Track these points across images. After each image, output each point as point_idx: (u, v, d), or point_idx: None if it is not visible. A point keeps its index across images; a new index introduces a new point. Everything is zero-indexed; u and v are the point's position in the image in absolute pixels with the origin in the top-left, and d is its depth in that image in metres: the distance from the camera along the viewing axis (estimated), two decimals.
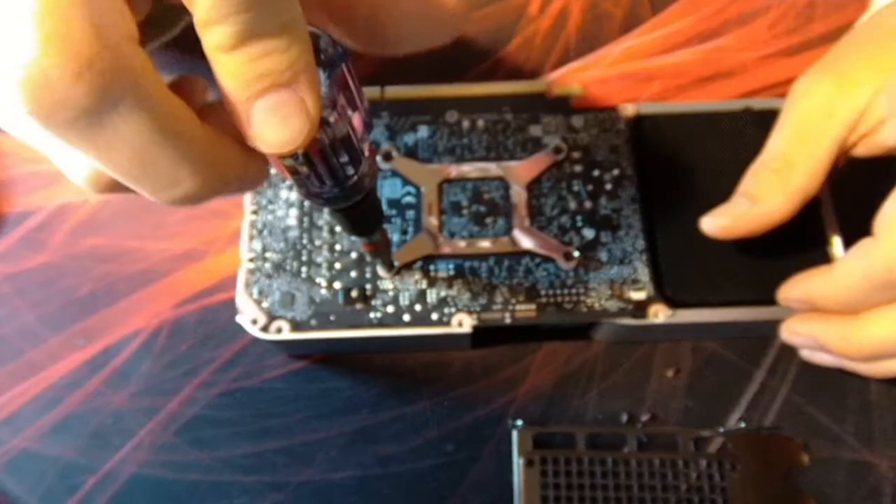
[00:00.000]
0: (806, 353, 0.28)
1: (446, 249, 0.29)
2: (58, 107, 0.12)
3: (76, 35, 0.11)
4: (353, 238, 0.28)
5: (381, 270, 0.28)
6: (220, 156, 0.15)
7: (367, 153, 0.18)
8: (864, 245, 0.23)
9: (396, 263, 0.28)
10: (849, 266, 0.24)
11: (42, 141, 0.15)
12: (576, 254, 0.28)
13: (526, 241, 0.29)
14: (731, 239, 0.27)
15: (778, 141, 0.26)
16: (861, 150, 0.25)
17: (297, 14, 0.14)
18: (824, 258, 0.28)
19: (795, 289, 0.26)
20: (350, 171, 0.17)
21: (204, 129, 0.15)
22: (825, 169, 0.25)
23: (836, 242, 0.28)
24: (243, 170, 0.16)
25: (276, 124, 0.14)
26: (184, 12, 0.14)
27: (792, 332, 0.27)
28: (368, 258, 0.28)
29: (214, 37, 0.13)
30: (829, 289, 0.24)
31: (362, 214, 0.21)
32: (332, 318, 0.28)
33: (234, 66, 0.14)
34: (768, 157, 0.26)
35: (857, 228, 0.30)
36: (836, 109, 0.24)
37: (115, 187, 0.16)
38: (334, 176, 0.17)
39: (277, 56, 0.14)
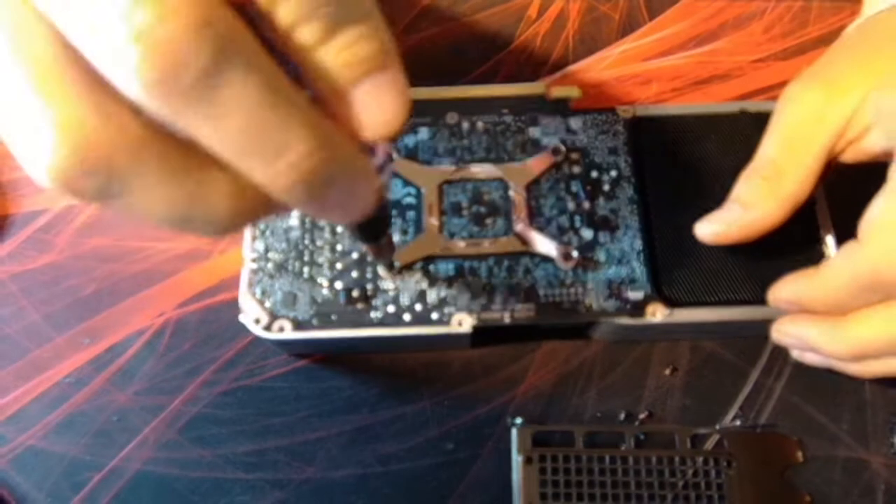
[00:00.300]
0: (796, 354, 0.28)
1: (446, 249, 0.29)
2: (181, 69, 0.11)
3: None
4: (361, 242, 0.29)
5: (381, 270, 0.29)
6: (327, 127, 0.14)
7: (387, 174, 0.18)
8: (849, 248, 0.24)
9: (397, 263, 0.28)
10: (835, 268, 0.24)
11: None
12: (574, 254, 0.29)
13: (525, 242, 0.29)
14: (724, 244, 0.27)
15: (768, 148, 0.26)
16: (848, 157, 0.26)
17: (374, 1, 0.14)
18: (818, 258, 0.28)
19: (784, 290, 0.26)
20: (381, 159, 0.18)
21: (307, 97, 0.14)
22: (815, 176, 0.25)
23: (830, 242, 0.29)
24: (350, 153, 0.15)
25: (378, 107, 0.14)
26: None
27: (781, 332, 0.27)
28: (369, 258, 0.29)
29: (304, 35, 0.13)
30: (817, 290, 0.25)
31: (373, 223, 0.22)
32: (333, 317, 0.28)
33: (329, 57, 0.14)
34: (759, 164, 0.26)
35: (851, 229, 0.30)
36: (825, 116, 0.25)
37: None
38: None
39: (368, 41, 0.14)
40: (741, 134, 0.30)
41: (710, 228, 0.27)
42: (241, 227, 0.15)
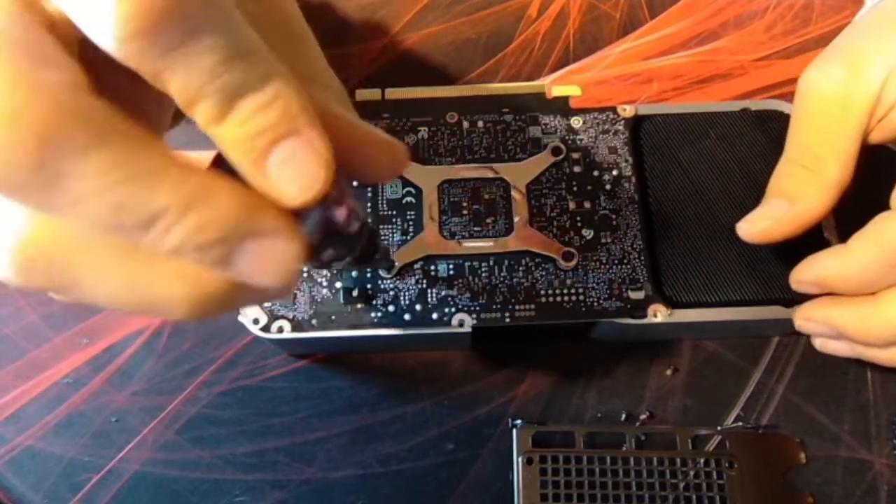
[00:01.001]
0: (819, 343, 0.27)
1: (446, 249, 0.29)
2: (9, 169, 0.11)
3: None
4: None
5: (381, 270, 0.28)
6: (205, 190, 0.13)
7: (358, 229, 0.17)
8: (879, 221, 0.23)
9: (397, 263, 0.28)
10: (864, 243, 0.23)
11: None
12: (575, 254, 0.28)
13: (525, 241, 0.29)
14: (771, 242, 0.26)
15: (801, 136, 0.25)
16: (876, 136, 0.25)
17: (274, 63, 0.14)
18: None
19: (808, 271, 0.25)
20: (347, 250, 0.17)
21: (184, 164, 0.13)
22: (854, 158, 0.24)
23: (834, 242, 0.29)
24: (242, 210, 0.13)
25: (291, 175, 0.14)
26: None
27: (806, 317, 0.26)
28: None
29: (202, 114, 0.13)
30: (844, 268, 0.23)
31: (365, 259, 0.21)
32: (332, 317, 0.28)
33: (230, 134, 0.13)
34: (795, 153, 0.25)
35: (854, 228, 0.30)
36: (852, 96, 0.24)
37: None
38: (343, 240, 0.17)
39: (267, 111, 0.13)
40: (744, 133, 0.30)
41: (758, 227, 0.25)
42: (209, 313, 0.14)
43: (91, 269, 0.13)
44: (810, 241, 0.28)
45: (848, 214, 0.30)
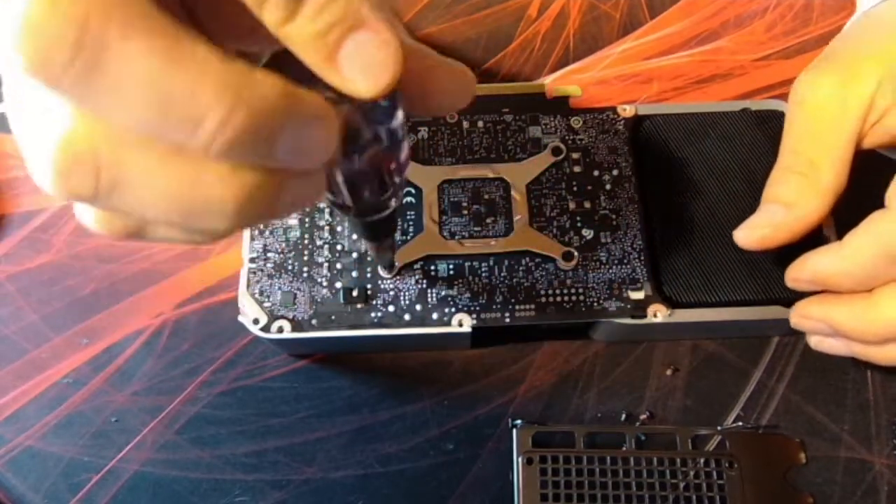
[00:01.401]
0: (815, 341, 0.27)
1: (446, 249, 0.29)
2: (50, 52, 0.11)
3: None
4: (362, 239, 0.29)
5: (381, 270, 0.28)
6: (247, 80, 0.12)
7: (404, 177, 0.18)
8: (874, 218, 0.22)
9: (397, 263, 0.28)
10: (860, 240, 0.22)
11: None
12: (575, 254, 0.28)
13: (525, 242, 0.29)
14: (768, 249, 0.26)
15: (796, 143, 0.25)
16: (868, 141, 0.25)
17: None
18: None
19: (804, 268, 0.24)
20: (394, 183, 0.17)
21: (224, 56, 0.12)
22: (848, 163, 0.24)
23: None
24: (281, 98, 0.13)
25: (361, 66, 0.14)
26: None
27: (802, 315, 0.25)
28: (369, 258, 0.29)
29: (272, 15, 0.13)
30: (841, 265, 0.23)
31: (382, 226, 0.21)
32: (332, 317, 0.28)
33: (302, 30, 0.13)
34: (790, 160, 0.25)
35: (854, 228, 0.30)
36: (846, 101, 0.24)
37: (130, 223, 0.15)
38: (377, 188, 0.17)
39: (334, 3, 0.13)
40: (744, 133, 0.30)
41: (755, 234, 0.25)
42: (252, 218, 0.14)
43: (137, 169, 0.13)
44: (810, 241, 0.28)
45: (847, 215, 0.30)
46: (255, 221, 0.15)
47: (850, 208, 0.29)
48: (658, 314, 0.28)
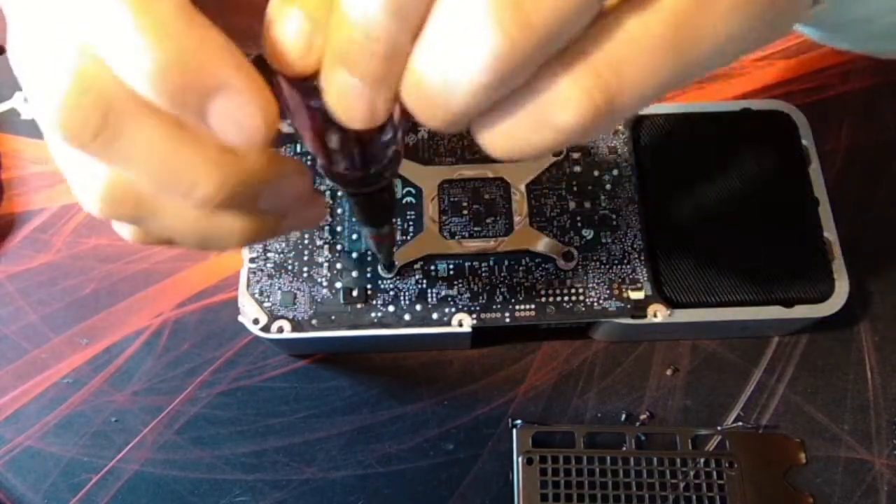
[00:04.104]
0: None
1: (446, 249, 0.29)
2: (81, 129, 0.14)
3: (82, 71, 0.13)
4: (363, 229, 0.28)
5: (381, 270, 0.28)
6: (231, 158, 0.14)
7: (400, 145, 0.18)
8: None
9: (397, 263, 0.28)
10: None
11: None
12: (575, 254, 0.28)
13: (525, 241, 0.29)
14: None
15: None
16: None
17: None
18: (821, 258, 0.28)
19: None
20: (388, 152, 0.17)
21: (215, 141, 0.14)
22: None
23: (834, 242, 0.28)
24: (259, 170, 0.15)
25: (230, 127, 0.14)
26: None
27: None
28: (370, 257, 0.29)
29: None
30: None
31: (379, 204, 0.21)
32: (332, 317, 0.28)
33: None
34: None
35: (854, 229, 0.30)
36: None
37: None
38: (369, 156, 0.17)
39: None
40: (743, 133, 0.30)
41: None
42: (258, 242, 0.16)
43: (161, 207, 0.15)
44: (810, 241, 0.28)
45: (847, 214, 0.30)
46: (263, 241, 0.16)
47: (854, 207, 0.29)
48: (658, 314, 0.28)
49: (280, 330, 0.28)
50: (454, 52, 0.12)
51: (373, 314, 0.28)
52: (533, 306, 0.28)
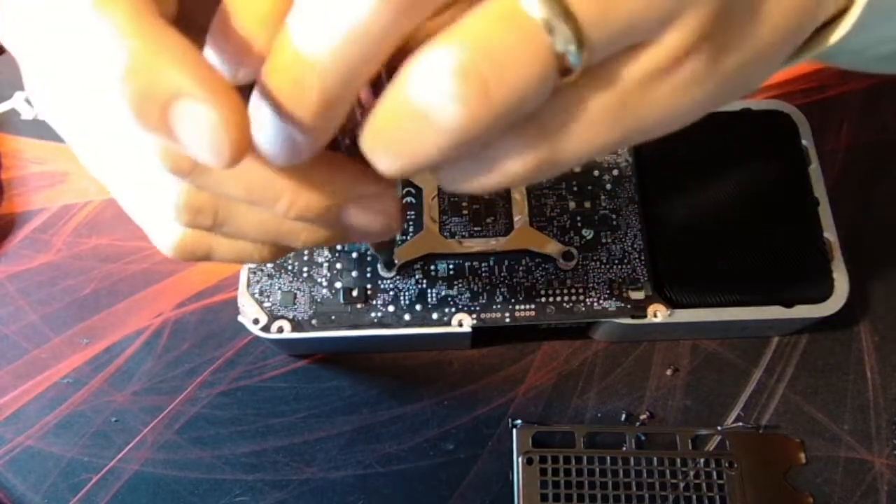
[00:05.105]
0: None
1: (446, 249, 0.29)
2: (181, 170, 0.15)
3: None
4: None
5: (381, 270, 0.28)
6: (309, 178, 0.15)
7: None
8: None
9: (397, 262, 0.28)
10: None
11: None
12: (575, 254, 0.28)
13: (525, 241, 0.29)
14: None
15: None
16: None
17: None
18: (822, 258, 0.28)
19: None
20: None
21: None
22: None
23: (834, 242, 0.28)
24: (342, 189, 0.16)
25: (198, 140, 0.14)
26: None
27: None
28: (370, 256, 0.29)
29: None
30: None
31: None
32: (332, 317, 0.28)
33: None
34: None
35: (854, 229, 0.30)
36: None
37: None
38: None
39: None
40: (743, 133, 0.30)
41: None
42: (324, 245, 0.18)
43: (239, 213, 0.16)
44: (810, 241, 0.28)
45: (847, 214, 0.30)
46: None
47: (854, 207, 0.29)
48: (658, 314, 0.28)
49: (280, 330, 0.28)
50: (416, 117, 0.12)
51: (373, 314, 0.28)
52: (533, 306, 0.28)
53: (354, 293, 0.28)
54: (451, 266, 0.29)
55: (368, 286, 0.28)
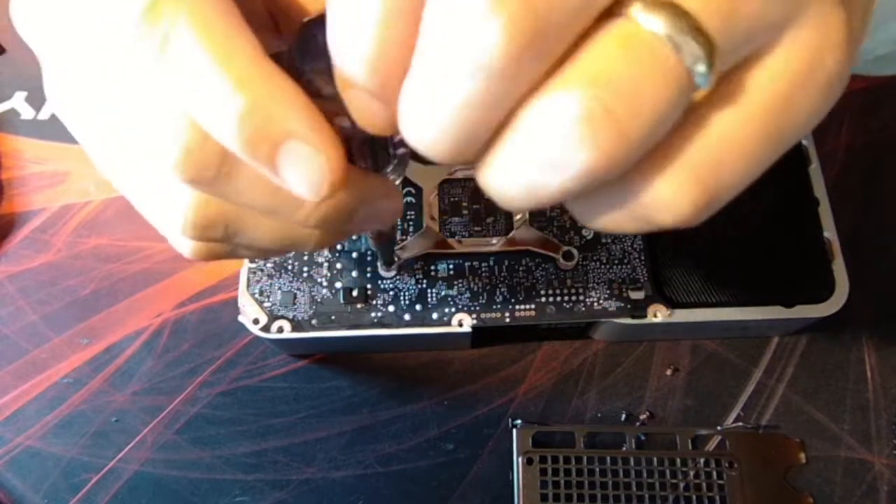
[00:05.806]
0: None
1: (446, 249, 0.29)
2: (201, 173, 0.15)
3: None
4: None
5: (381, 269, 0.28)
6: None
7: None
8: None
9: (397, 262, 0.28)
10: None
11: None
12: (575, 253, 0.28)
13: (526, 241, 0.29)
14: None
15: None
16: None
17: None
18: (821, 258, 0.28)
19: None
20: (398, 151, 0.18)
21: None
22: None
23: (834, 242, 0.28)
24: (356, 191, 0.16)
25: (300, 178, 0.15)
26: None
27: None
28: (370, 256, 0.29)
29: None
30: None
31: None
32: (332, 317, 0.28)
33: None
34: None
35: (853, 229, 0.30)
36: None
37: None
38: (380, 157, 0.17)
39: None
40: None
41: None
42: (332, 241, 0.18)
43: (251, 221, 0.17)
44: (810, 241, 0.28)
45: (847, 214, 0.30)
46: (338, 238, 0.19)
47: (855, 207, 0.29)
48: (658, 314, 0.28)
49: (280, 330, 0.28)
50: (544, 166, 0.12)
51: (373, 314, 0.28)
52: (533, 306, 0.28)
53: (354, 293, 0.28)
54: (451, 266, 0.29)
55: (368, 286, 0.28)
